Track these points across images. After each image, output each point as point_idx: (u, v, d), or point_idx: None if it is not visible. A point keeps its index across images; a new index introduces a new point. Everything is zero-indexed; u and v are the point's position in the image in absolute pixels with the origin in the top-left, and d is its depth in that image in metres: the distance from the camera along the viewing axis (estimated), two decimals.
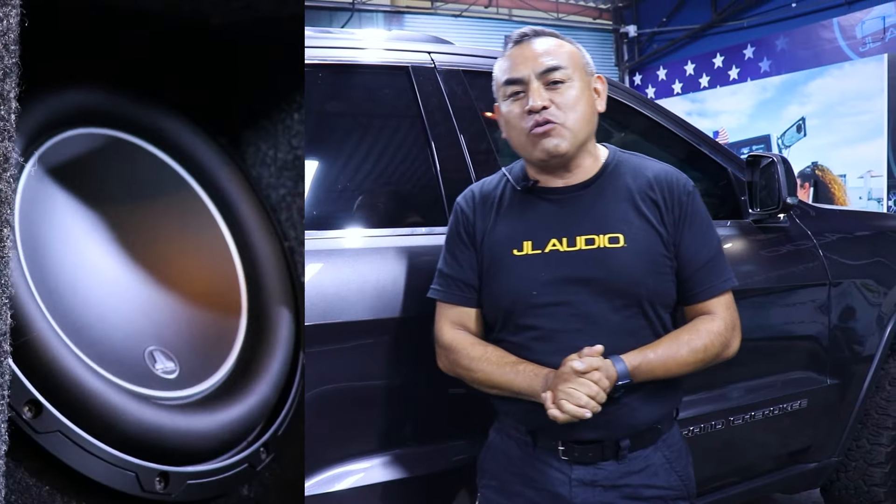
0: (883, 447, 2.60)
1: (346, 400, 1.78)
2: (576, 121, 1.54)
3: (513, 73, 1.56)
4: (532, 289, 1.53)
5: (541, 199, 1.60)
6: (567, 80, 1.54)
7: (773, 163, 2.31)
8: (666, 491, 1.57)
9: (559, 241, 1.54)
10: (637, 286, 1.52)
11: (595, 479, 1.53)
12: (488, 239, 1.60)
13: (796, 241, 2.49)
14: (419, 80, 2.00)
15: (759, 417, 2.36)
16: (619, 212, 1.56)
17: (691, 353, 1.53)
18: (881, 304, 2.63)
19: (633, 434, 1.54)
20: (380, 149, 2.05)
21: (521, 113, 1.54)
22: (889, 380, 2.65)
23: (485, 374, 1.56)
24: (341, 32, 2.19)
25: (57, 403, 1.23)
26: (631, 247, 1.52)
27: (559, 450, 1.54)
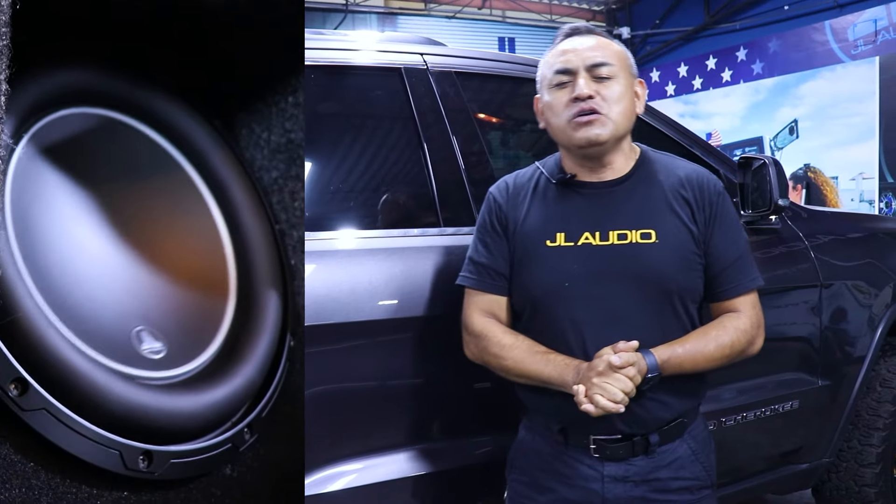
0: (874, 448, 2.61)
1: (338, 401, 1.78)
2: (619, 114, 1.57)
3: (562, 65, 1.59)
4: (564, 280, 1.56)
5: (574, 193, 1.63)
6: (613, 76, 1.58)
7: (764, 165, 2.32)
8: (692, 482, 1.61)
9: (592, 234, 1.58)
10: (668, 282, 1.56)
11: (626, 475, 1.57)
12: (521, 229, 1.63)
13: (788, 242, 2.50)
14: (412, 81, 2.01)
15: (751, 418, 2.37)
16: (651, 209, 1.60)
17: (718, 349, 1.57)
18: (872, 306, 2.64)
19: (661, 428, 1.58)
20: (372, 150, 2.06)
21: (567, 101, 1.57)
22: (880, 381, 2.66)
23: (514, 363, 1.58)
24: (334, 34, 2.19)
25: (43, 382, 1.24)
26: (663, 243, 1.56)
27: (591, 447, 1.57)
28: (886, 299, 2.68)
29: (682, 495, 1.59)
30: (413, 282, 1.81)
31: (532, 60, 2.32)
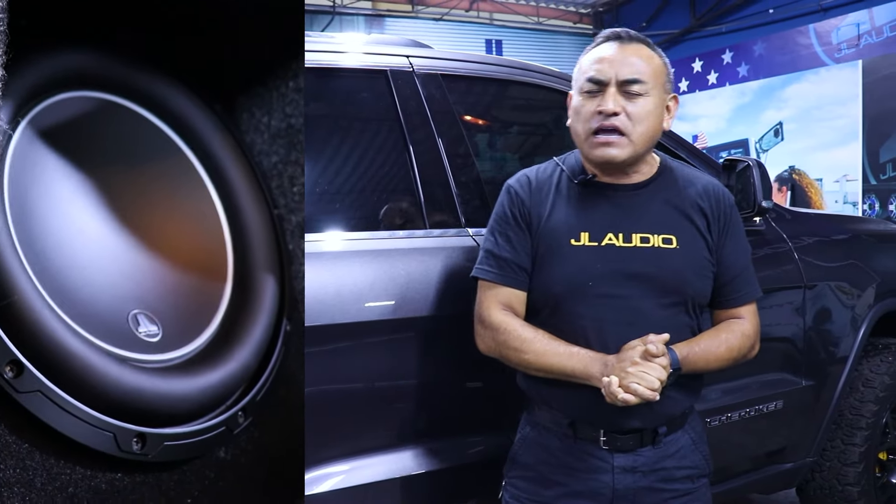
0: (857, 447, 2.63)
1: (325, 402, 1.78)
2: (641, 134, 1.59)
3: (596, 73, 1.59)
4: (588, 279, 1.59)
5: (597, 194, 1.65)
6: (644, 93, 1.59)
7: (748, 167, 2.34)
8: (693, 470, 1.67)
9: (615, 236, 1.60)
10: (686, 286, 1.61)
11: (635, 466, 1.61)
12: (545, 226, 1.64)
13: (772, 244, 2.52)
14: (398, 83, 2.01)
15: (736, 419, 2.38)
16: (672, 216, 1.64)
17: (727, 351, 1.64)
18: (855, 306, 2.67)
19: (669, 421, 1.64)
20: (358, 152, 2.06)
21: (593, 111, 1.58)
22: (862, 381, 2.69)
23: (536, 356, 1.58)
24: (320, 36, 2.18)
25: (38, 364, 1.25)
26: (683, 249, 1.61)
27: (601, 440, 1.61)
28: (869, 300, 2.70)
29: (684, 484, 1.65)
30: (399, 283, 1.82)
31: (518, 63, 2.33)
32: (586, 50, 1.66)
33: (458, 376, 1.87)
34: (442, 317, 1.81)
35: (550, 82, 2.27)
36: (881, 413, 2.68)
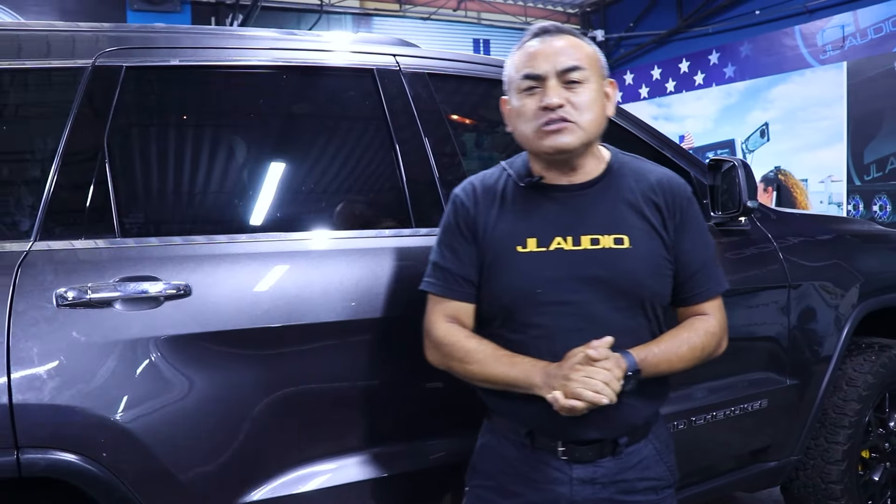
0: (840, 445, 2.65)
1: (311, 401, 1.78)
2: (589, 122, 1.55)
3: (531, 69, 1.55)
4: (536, 286, 1.54)
5: (544, 197, 1.60)
6: (584, 80, 1.55)
7: (733, 167, 2.35)
8: (657, 482, 1.62)
9: (564, 239, 1.55)
10: (641, 287, 1.55)
11: (594, 477, 1.56)
12: (490, 234, 1.59)
13: (757, 243, 2.53)
14: (384, 82, 2.00)
15: (721, 417, 2.39)
16: (622, 213, 1.58)
17: (690, 350, 1.58)
18: (839, 306, 2.68)
19: (631, 431, 1.58)
20: (345, 151, 2.05)
21: (536, 109, 1.54)
22: (846, 380, 2.70)
23: (480, 367, 1.56)
24: (307, 34, 2.18)
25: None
26: (635, 248, 1.55)
27: (559, 451, 1.56)
28: (853, 299, 2.72)
29: (647, 495, 1.60)
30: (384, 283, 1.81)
31: None
32: (514, 50, 1.62)
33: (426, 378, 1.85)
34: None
35: None
36: (864, 412, 2.70)
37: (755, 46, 9.78)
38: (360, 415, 1.83)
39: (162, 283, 1.63)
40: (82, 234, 1.64)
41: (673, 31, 11.00)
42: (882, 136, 8.35)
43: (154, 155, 1.84)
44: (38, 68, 1.72)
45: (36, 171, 1.66)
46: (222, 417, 1.66)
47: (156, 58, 1.82)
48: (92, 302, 1.56)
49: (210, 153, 1.91)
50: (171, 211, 1.84)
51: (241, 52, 1.92)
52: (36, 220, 1.61)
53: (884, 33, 8.35)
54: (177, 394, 1.62)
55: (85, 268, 1.60)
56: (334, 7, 10.44)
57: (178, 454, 1.61)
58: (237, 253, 1.75)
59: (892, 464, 2.82)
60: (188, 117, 1.91)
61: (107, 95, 1.73)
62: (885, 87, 8.26)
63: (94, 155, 1.69)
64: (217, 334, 1.66)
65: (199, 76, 1.89)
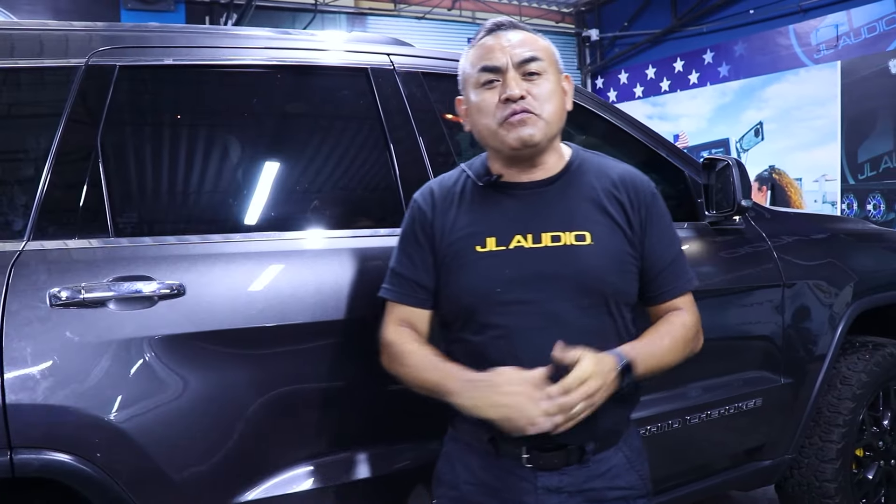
0: (834, 444, 2.66)
1: (306, 401, 1.77)
2: (551, 113, 1.52)
3: (489, 61, 1.52)
4: (496, 286, 1.50)
5: (503, 195, 1.57)
6: (543, 72, 1.53)
7: (728, 166, 2.36)
8: (627, 491, 1.56)
9: (524, 237, 1.52)
10: (603, 284, 1.51)
11: (560, 486, 1.51)
12: (448, 236, 1.56)
13: (752, 242, 2.54)
14: (378, 81, 2.00)
15: (716, 416, 2.40)
16: (584, 210, 1.54)
17: (672, 342, 1.56)
18: (833, 305, 2.69)
19: (597, 437, 1.53)
20: (339, 151, 2.05)
21: (497, 102, 1.51)
22: (840, 378, 2.71)
23: (412, 370, 1.54)
24: (301, 34, 2.17)
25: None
26: (597, 245, 1.52)
27: (523, 458, 1.51)
28: (847, 298, 2.73)
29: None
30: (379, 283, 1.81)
31: None
32: (468, 49, 1.59)
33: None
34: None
35: None
36: (858, 410, 2.70)
37: (749, 46, 9.80)
38: (356, 414, 1.83)
39: (156, 282, 1.62)
40: (76, 234, 1.64)
41: (667, 30, 11.01)
42: (876, 135, 8.37)
43: (148, 154, 1.83)
44: (32, 67, 1.72)
45: (29, 171, 1.66)
46: (217, 417, 1.66)
47: (149, 57, 1.81)
48: (86, 302, 1.56)
49: (204, 152, 1.91)
50: (165, 210, 1.83)
51: (235, 52, 1.92)
52: (29, 219, 1.60)
53: (877, 32, 8.37)
54: (171, 394, 1.61)
55: (79, 267, 1.60)
56: (329, 6, 10.43)
57: (172, 454, 1.61)
58: (231, 252, 1.74)
59: (886, 462, 2.83)
60: (182, 117, 1.91)
61: (100, 95, 1.73)
62: (878, 87, 8.28)
63: (88, 154, 1.68)
64: (211, 334, 1.66)
65: (194, 75, 1.88)
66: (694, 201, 2.48)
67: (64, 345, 1.53)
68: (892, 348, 2.82)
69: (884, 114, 8.26)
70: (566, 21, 12.46)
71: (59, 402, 1.51)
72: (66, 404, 1.51)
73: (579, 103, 2.33)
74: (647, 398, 2.25)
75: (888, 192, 8.31)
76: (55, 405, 1.50)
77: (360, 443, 1.83)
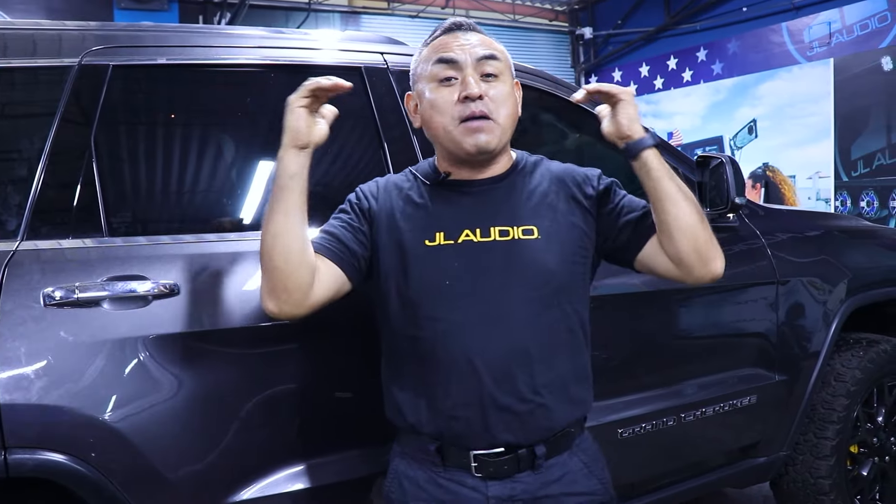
0: (829, 441, 2.66)
1: (300, 400, 1.77)
2: (506, 117, 1.52)
3: (448, 54, 1.51)
4: (444, 278, 1.48)
5: (453, 192, 1.56)
6: (500, 74, 1.52)
7: (721, 164, 2.36)
8: (588, 497, 1.53)
9: (473, 231, 1.51)
10: (550, 276, 1.50)
11: (513, 494, 1.47)
12: (394, 230, 1.53)
13: (746, 240, 2.55)
14: (372, 80, 2.00)
15: (710, 413, 2.40)
16: (532, 205, 1.54)
17: (694, 203, 1.49)
18: (827, 302, 2.70)
19: (547, 438, 1.49)
20: (333, 150, 2.05)
21: (454, 100, 1.49)
22: (834, 375, 2.72)
23: (266, 220, 1.45)
24: (295, 32, 2.17)
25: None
26: (545, 239, 1.51)
27: (472, 466, 1.47)
28: (841, 295, 2.73)
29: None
30: None
31: None
32: (421, 46, 1.58)
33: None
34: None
35: (526, 80, 2.27)
36: (852, 407, 2.71)
37: (743, 43, 9.83)
38: (351, 414, 1.83)
39: (150, 282, 1.62)
40: (70, 234, 1.63)
41: (661, 28, 11.04)
42: (869, 132, 8.41)
43: (142, 154, 1.83)
44: (25, 67, 1.71)
45: (22, 171, 1.65)
46: (211, 417, 1.66)
47: (143, 56, 1.81)
48: (80, 301, 1.56)
49: (198, 152, 1.90)
50: (159, 210, 1.83)
51: (228, 51, 1.91)
52: (23, 219, 1.60)
53: (870, 30, 8.40)
54: (165, 393, 1.61)
55: (72, 267, 1.59)
56: (322, 5, 10.42)
57: (166, 453, 1.61)
58: (226, 252, 1.74)
59: (881, 459, 2.84)
60: (176, 116, 1.90)
61: (94, 94, 1.72)
62: (871, 84, 8.32)
63: (82, 154, 1.68)
64: (206, 333, 1.66)
65: (187, 75, 1.88)
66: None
67: (58, 344, 1.53)
68: (886, 345, 2.83)
69: (877, 111, 8.30)
70: (560, 19, 12.48)
71: (54, 402, 1.50)
72: (61, 404, 1.51)
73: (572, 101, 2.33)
74: (641, 396, 2.26)
75: (881, 188, 8.35)
76: (49, 405, 1.50)
77: (357, 442, 1.83)
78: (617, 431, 2.19)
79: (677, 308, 2.37)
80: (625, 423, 2.20)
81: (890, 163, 8.26)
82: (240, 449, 1.69)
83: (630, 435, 2.21)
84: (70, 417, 1.52)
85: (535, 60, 11.42)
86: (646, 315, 2.30)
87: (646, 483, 2.36)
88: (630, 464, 2.24)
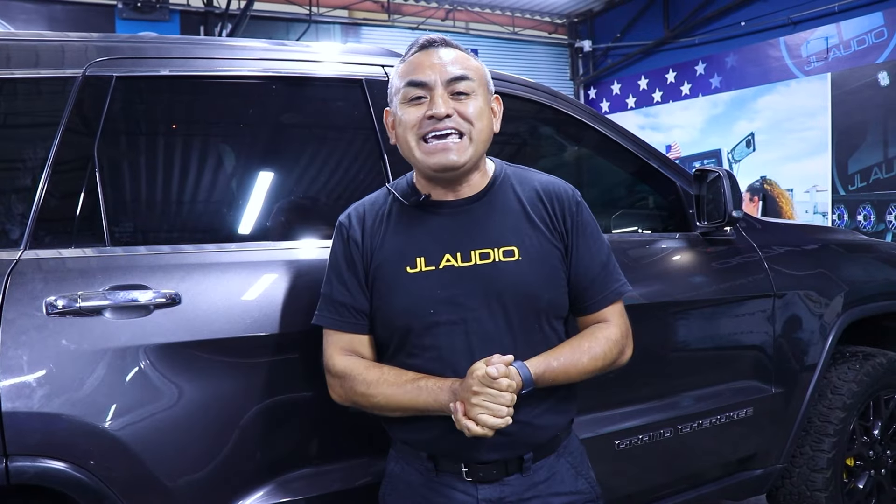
0: (825, 453, 2.67)
1: (301, 409, 1.78)
2: (478, 132, 1.51)
3: (417, 76, 1.51)
4: (429, 307, 1.49)
5: (431, 214, 1.56)
6: (472, 92, 1.52)
7: (719, 177, 2.38)
8: (575, 496, 1.57)
9: (453, 256, 1.51)
10: (535, 299, 1.51)
11: (502, 496, 1.52)
12: (378, 257, 1.55)
13: (743, 253, 2.56)
14: (373, 93, 2.02)
15: (707, 426, 2.41)
16: (511, 224, 1.54)
17: (591, 361, 1.53)
18: (823, 315, 2.71)
19: (534, 446, 1.54)
20: (334, 161, 2.06)
21: (421, 118, 1.49)
22: (830, 388, 2.73)
23: (385, 398, 1.50)
24: (296, 45, 2.19)
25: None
26: (526, 259, 1.51)
27: (463, 472, 1.52)
28: (837, 308, 2.74)
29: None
30: None
31: (493, 73, 2.35)
32: (399, 63, 1.58)
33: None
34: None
35: (525, 93, 2.29)
36: (848, 420, 2.72)
37: (741, 57, 9.88)
38: (351, 422, 1.83)
39: (151, 291, 1.63)
40: (72, 243, 1.65)
41: (660, 41, 11.09)
42: (866, 146, 8.45)
43: (144, 164, 1.84)
44: (29, 78, 1.73)
45: (26, 180, 1.67)
46: (211, 426, 1.67)
47: (146, 68, 1.82)
48: (81, 310, 1.57)
49: (200, 163, 1.92)
50: (160, 220, 1.84)
51: (230, 63, 1.93)
52: (26, 228, 1.61)
53: (867, 45, 8.45)
54: (166, 402, 1.62)
55: (74, 276, 1.60)
56: (323, 17, 10.47)
57: (167, 462, 1.62)
58: (227, 262, 1.75)
59: (877, 472, 2.84)
60: (178, 127, 1.92)
61: (97, 105, 1.74)
62: (868, 98, 8.36)
63: (84, 164, 1.69)
64: (206, 343, 1.66)
65: (189, 86, 1.89)
66: (685, 212, 2.51)
67: (60, 353, 1.54)
68: (883, 358, 2.84)
69: (874, 125, 8.34)
70: (559, 32, 12.53)
71: (55, 410, 1.51)
72: (62, 412, 1.52)
73: (572, 115, 2.35)
74: (639, 408, 2.27)
75: (878, 202, 8.38)
76: (51, 413, 1.51)
77: (357, 451, 1.84)
78: (614, 443, 2.19)
79: (674, 320, 2.38)
80: (622, 435, 2.21)
81: (887, 177, 8.29)
82: (239, 458, 1.69)
83: (627, 446, 2.22)
84: (71, 425, 1.53)
85: (534, 73, 11.47)
86: (643, 327, 2.30)
87: (642, 494, 2.36)
88: (627, 475, 2.25)
